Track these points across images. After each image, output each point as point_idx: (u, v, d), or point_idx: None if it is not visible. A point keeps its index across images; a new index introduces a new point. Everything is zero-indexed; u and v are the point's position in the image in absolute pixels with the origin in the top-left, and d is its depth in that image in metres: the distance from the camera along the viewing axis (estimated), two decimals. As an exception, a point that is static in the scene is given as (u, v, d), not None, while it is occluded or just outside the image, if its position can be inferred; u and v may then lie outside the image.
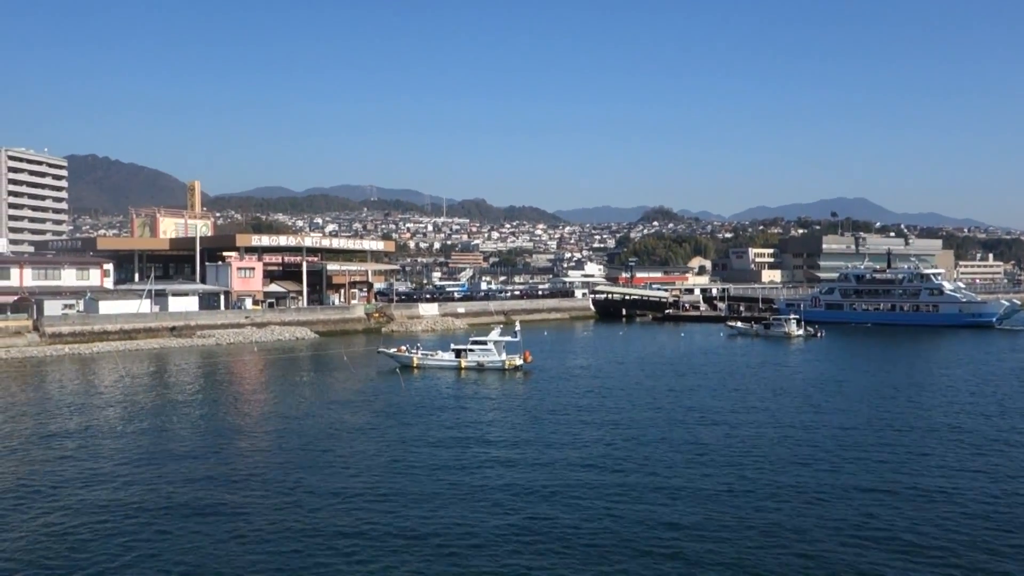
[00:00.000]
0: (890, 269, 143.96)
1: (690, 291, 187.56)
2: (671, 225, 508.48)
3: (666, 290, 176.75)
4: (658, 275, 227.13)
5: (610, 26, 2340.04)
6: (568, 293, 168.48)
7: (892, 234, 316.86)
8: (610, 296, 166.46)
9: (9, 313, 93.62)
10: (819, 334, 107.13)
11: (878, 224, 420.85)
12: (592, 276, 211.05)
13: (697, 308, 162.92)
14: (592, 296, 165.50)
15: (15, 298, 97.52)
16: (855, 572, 24.21)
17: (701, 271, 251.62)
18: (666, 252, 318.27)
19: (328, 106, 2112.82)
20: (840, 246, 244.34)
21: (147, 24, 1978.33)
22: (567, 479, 34.04)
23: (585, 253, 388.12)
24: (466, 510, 29.93)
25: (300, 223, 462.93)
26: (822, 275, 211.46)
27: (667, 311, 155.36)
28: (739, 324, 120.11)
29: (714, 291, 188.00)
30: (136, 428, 45.69)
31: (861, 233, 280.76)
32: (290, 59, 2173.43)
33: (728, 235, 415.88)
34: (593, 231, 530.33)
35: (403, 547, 26.25)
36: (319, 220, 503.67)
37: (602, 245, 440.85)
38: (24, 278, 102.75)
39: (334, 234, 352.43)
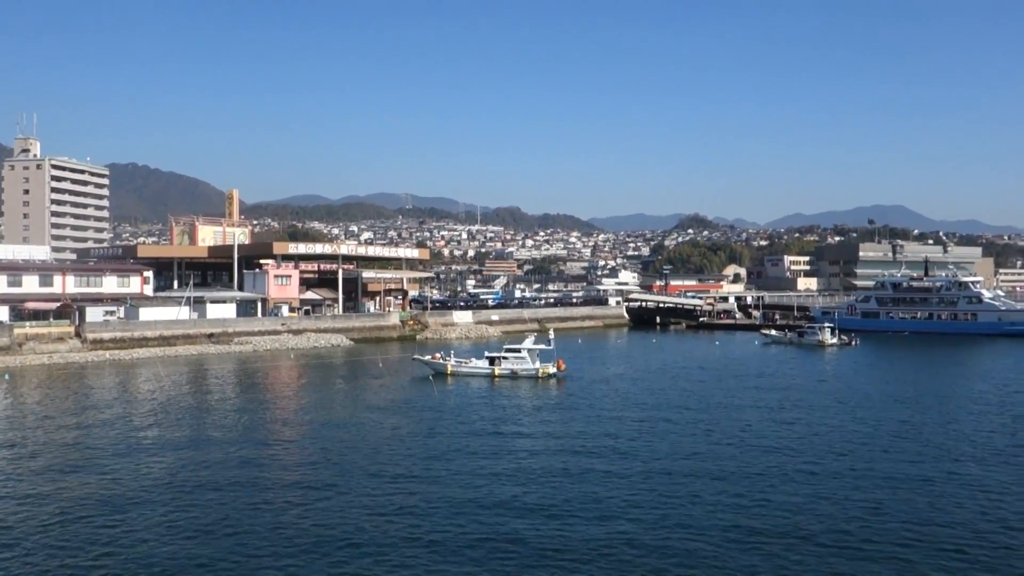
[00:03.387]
0: (927, 277, 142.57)
1: (725, 299, 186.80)
2: (706, 233, 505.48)
3: (701, 298, 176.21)
4: (693, 283, 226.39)
5: (644, 33, 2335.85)
6: (602, 301, 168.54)
7: (930, 241, 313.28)
8: (644, 304, 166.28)
9: (52, 319, 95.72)
10: (853, 343, 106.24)
11: (916, 231, 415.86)
12: (626, 284, 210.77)
13: (732, 316, 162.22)
14: (626, 304, 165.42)
15: (58, 304, 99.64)
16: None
17: (736, 279, 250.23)
18: (701, 260, 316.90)
19: (364, 115, 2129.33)
20: (877, 254, 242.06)
21: (185, 37, 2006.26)
22: (599, 488, 34.33)
23: (619, 261, 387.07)
24: (494, 516, 30.34)
25: (336, 231, 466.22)
26: (859, 283, 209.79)
27: (701, 319, 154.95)
28: (773, 332, 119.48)
29: (749, 299, 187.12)
30: (175, 431, 46.62)
31: (898, 240, 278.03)
32: (327, 70, 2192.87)
33: (763, 243, 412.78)
34: (627, 239, 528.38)
35: (424, 554, 26.74)
36: (354, 228, 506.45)
37: (636, 253, 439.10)
38: (67, 285, 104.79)
39: (369, 242, 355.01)
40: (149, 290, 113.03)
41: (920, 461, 38.84)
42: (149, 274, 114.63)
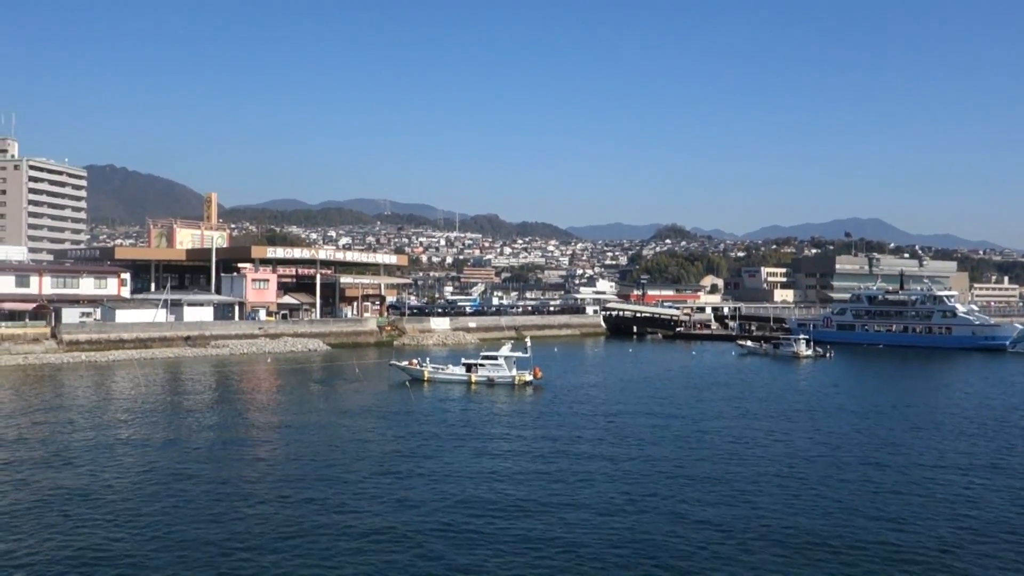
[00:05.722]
0: (903, 291, 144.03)
1: (702, 309, 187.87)
2: (683, 243, 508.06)
3: (677, 308, 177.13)
4: (670, 293, 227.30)
5: (624, 42, 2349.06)
6: (579, 310, 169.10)
7: (906, 255, 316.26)
8: (621, 313, 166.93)
9: (28, 320, 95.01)
10: (828, 355, 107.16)
11: (892, 245, 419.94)
12: (603, 293, 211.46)
13: (708, 327, 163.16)
14: (603, 313, 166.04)
15: (34, 305, 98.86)
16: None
17: (713, 290, 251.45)
18: (678, 270, 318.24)
19: (343, 120, 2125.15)
20: (853, 267, 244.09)
21: (165, 37, 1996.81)
22: (571, 497, 34.67)
23: (597, 270, 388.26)
24: (465, 519, 30.62)
25: (314, 236, 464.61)
26: (835, 295, 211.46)
27: (678, 329, 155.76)
28: (749, 343, 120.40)
29: (726, 310, 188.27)
30: (149, 434, 46.53)
31: (875, 254, 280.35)
32: (306, 73, 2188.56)
33: (741, 254, 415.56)
34: (605, 248, 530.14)
35: (393, 562, 26.98)
36: (333, 233, 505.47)
37: (614, 262, 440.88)
38: (43, 286, 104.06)
39: (348, 247, 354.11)
40: (126, 292, 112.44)
41: (875, 469, 39.47)
42: (126, 276, 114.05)
